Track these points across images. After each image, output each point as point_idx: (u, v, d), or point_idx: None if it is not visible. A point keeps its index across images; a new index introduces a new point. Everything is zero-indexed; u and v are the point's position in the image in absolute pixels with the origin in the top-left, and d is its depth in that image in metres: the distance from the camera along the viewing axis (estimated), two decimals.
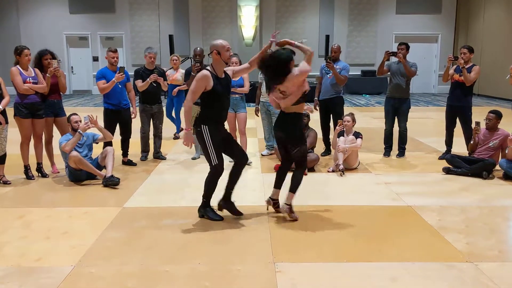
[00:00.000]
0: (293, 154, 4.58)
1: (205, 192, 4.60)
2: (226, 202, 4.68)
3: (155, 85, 6.85)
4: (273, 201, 4.74)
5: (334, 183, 5.94)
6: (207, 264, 3.65)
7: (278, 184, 4.73)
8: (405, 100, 7.16)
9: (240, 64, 6.87)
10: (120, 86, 6.48)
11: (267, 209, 4.82)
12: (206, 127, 4.38)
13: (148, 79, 6.70)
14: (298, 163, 4.66)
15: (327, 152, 7.45)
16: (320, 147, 7.31)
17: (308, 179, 5.72)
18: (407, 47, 7.07)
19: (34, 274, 3.49)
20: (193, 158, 7.25)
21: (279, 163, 6.49)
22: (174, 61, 8.83)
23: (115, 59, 6.50)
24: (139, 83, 6.80)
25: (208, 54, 4.55)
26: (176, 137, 8.91)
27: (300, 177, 4.63)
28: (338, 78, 6.98)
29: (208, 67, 4.48)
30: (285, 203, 4.60)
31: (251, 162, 7.05)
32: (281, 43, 4.58)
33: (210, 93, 4.38)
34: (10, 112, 5.85)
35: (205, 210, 4.64)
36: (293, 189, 4.61)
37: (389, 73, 7.27)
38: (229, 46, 4.47)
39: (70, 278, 3.43)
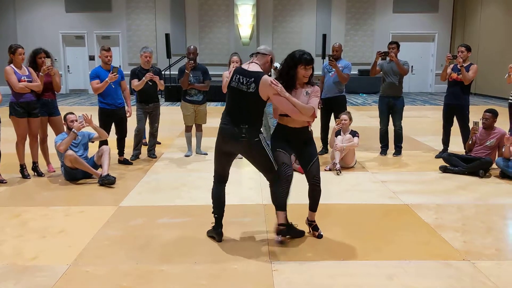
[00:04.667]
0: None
1: (280, 206, 4.00)
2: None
3: (151, 83, 6.82)
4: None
5: (330, 181, 5.93)
6: (203, 263, 3.64)
7: None
8: (399, 98, 7.17)
9: (241, 63, 6.88)
10: (113, 86, 6.44)
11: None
12: (261, 135, 3.89)
13: (144, 77, 6.67)
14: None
15: (324, 150, 7.45)
16: (317, 145, 7.29)
17: (304, 177, 5.71)
18: (398, 46, 7.08)
19: (29, 273, 3.47)
20: (186, 156, 7.28)
21: None
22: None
23: (109, 57, 6.46)
24: (135, 82, 6.77)
25: (255, 54, 4.00)
26: (144, 143, 7.60)
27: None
28: (341, 77, 6.99)
29: (257, 69, 3.88)
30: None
31: (241, 158, 7.08)
32: None
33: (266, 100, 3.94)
34: (1, 111, 5.82)
35: (289, 229, 4.07)
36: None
37: (381, 72, 7.28)
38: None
39: (66, 277, 3.41)
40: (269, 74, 4.00)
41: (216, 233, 4.09)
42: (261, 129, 4.00)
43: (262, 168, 3.98)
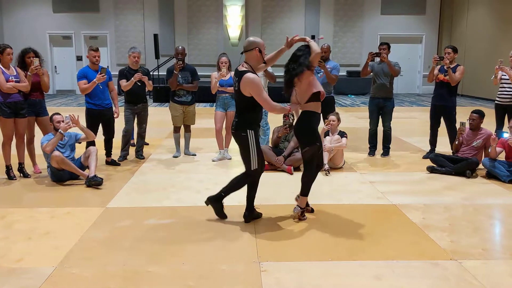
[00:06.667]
0: (302, 153, 4.53)
1: (227, 189, 4.50)
2: (251, 212, 4.55)
3: (139, 84, 6.78)
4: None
5: (319, 182, 5.90)
6: (191, 264, 3.62)
7: None
8: (389, 99, 7.20)
9: (230, 64, 6.88)
10: (101, 87, 6.38)
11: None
12: (252, 132, 4.25)
13: (132, 78, 6.62)
14: (305, 164, 4.59)
15: None
16: None
17: (293, 178, 5.71)
18: (389, 47, 7.11)
19: (15, 275, 3.42)
20: (175, 156, 7.24)
21: (265, 163, 6.52)
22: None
23: (97, 58, 6.40)
24: (123, 82, 6.72)
25: (242, 52, 4.34)
26: (132, 144, 7.52)
27: (307, 179, 4.57)
28: (330, 78, 6.98)
29: (244, 68, 4.24)
30: (298, 206, 4.58)
31: (230, 158, 7.10)
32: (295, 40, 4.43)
33: None
34: None
35: (216, 203, 4.53)
36: (304, 192, 4.57)
37: (372, 74, 7.30)
38: None
39: (52, 279, 3.37)
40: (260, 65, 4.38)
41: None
42: (258, 136, 4.38)
43: (243, 160, 4.41)
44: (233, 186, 4.49)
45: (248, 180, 4.43)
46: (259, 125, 4.46)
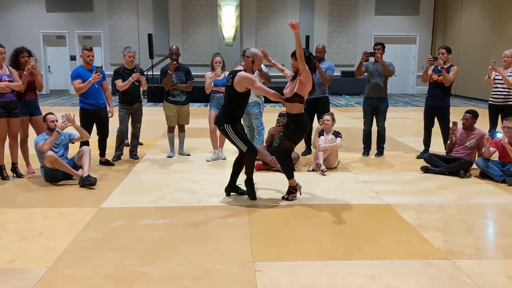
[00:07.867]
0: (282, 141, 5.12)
1: (248, 172, 5.13)
2: (231, 187, 5.31)
3: (137, 84, 6.76)
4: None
5: (314, 182, 5.95)
6: (185, 264, 3.61)
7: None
8: (383, 99, 7.21)
9: (224, 64, 6.87)
10: (96, 86, 6.37)
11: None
12: (229, 126, 4.89)
13: (130, 78, 6.58)
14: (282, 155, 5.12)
15: (307, 151, 7.46)
16: (301, 146, 7.30)
17: (284, 178, 5.71)
18: (383, 47, 7.12)
19: (8, 276, 3.40)
20: (169, 156, 7.22)
21: (260, 162, 6.52)
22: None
23: (91, 57, 6.37)
24: (119, 82, 6.68)
25: (242, 55, 5.08)
26: (126, 144, 7.50)
27: (283, 167, 5.19)
28: (324, 78, 6.99)
29: (239, 68, 4.91)
30: (290, 188, 5.18)
31: (225, 158, 7.08)
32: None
33: (245, 94, 4.89)
34: None
35: (250, 184, 5.14)
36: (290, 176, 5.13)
37: (366, 73, 7.31)
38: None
39: (45, 279, 3.35)
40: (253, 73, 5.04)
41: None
42: (239, 126, 4.98)
43: (234, 146, 5.04)
44: (246, 168, 5.12)
45: (252, 156, 5.03)
46: (239, 120, 5.06)
